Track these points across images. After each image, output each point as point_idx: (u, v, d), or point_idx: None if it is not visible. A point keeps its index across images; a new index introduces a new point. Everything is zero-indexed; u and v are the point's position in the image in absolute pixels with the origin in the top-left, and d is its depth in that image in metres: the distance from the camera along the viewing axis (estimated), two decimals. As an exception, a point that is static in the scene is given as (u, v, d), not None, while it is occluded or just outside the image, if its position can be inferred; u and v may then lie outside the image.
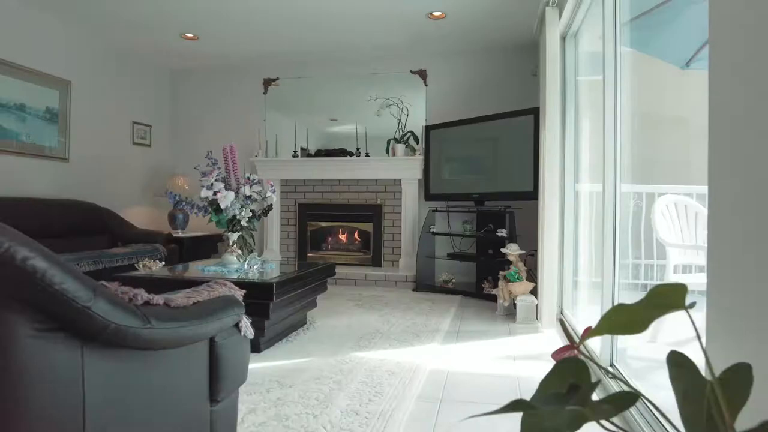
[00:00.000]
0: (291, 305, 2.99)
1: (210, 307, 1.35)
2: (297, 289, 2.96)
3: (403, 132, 5.39)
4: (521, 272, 3.71)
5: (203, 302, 1.35)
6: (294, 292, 2.92)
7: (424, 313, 3.83)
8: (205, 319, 1.31)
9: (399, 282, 5.00)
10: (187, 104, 6.18)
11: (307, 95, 5.78)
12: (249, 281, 2.68)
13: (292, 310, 3.09)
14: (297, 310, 3.19)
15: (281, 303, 2.79)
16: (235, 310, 1.45)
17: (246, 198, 3.16)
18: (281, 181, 5.76)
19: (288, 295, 2.82)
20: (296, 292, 2.96)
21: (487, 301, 4.35)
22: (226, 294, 1.47)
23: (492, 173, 4.61)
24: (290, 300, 2.94)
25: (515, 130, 4.42)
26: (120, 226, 4.96)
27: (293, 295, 2.94)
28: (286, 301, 2.88)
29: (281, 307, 2.83)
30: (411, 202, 5.34)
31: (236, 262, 3.12)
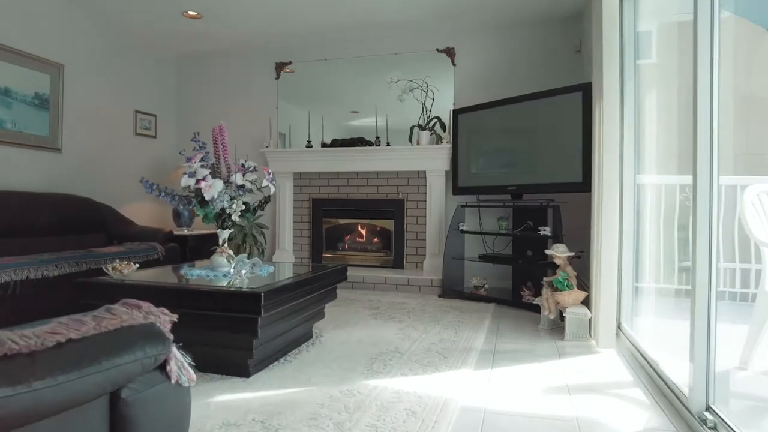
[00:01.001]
0: (289, 318, 2.46)
1: (98, 347, 0.81)
2: (297, 299, 2.42)
3: (428, 118, 4.80)
4: (571, 278, 3.08)
5: (87, 340, 0.82)
6: (292, 302, 2.38)
7: (453, 325, 3.24)
8: (84, 368, 0.77)
9: (423, 287, 4.42)
10: (194, 92, 5.74)
11: (324, 82, 5.25)
12: (232, 290, 2.15)
13: (291, 324, 2.55)
14: (299, 322, 2.65)
15: (274, 316, 2.26)
16: (150, 347, 0.92)
17: (238, 188, 2.64)
18: (294, 174, 5.25)
19: (283, 306, 2.28)
20: (295, 302, 2.42)
21: (526, 311, 3.73)
22: (135, 324, 0.93)
23: (531, 162, 3.98)
24: (287, 312, 2.40)
25: (560, 111, 3.78)
26: (117, 223, 4.54)
27: (291, 306, 2.40)
28: (282, 314, 2.35)
29: (275, 321, 2.30)
30: (437, 196, 4.75)
31: (227, 265, 2.60)
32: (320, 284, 2.70)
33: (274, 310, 2.19)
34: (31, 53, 4.05)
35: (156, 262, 4.11)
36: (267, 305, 2.09)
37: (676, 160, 2.97)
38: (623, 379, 2.33)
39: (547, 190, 3.86)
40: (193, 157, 2.52)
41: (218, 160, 2.69)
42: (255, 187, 2.68)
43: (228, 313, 2.11)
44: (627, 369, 2.46)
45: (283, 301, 2.27)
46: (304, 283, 2.49)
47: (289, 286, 2.32)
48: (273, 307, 2.17)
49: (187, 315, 2.21)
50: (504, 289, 4.30)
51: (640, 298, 3.08)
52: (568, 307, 3.00)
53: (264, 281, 2.35)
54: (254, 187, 2.67)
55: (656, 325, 2.91)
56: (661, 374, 2.18)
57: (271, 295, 2.12)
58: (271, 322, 2.26)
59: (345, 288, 4.57)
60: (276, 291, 2.18)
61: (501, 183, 4.14)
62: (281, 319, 2.37)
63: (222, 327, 2.17)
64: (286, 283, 2.31)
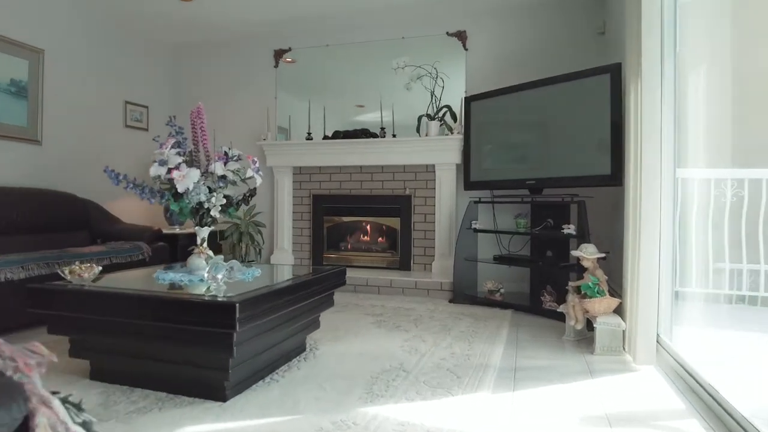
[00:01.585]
0: (276, 330, 2.10)
1: None
2: (284, 307, 2.06)
3: (438, 107, 4.43)
4: (601, 283, 2.69)
5: None
6: (279, 311, 2.02)
7: (466, 336, 2.86)
8: None
9: (432, 291, 4.05)
10: (189, 83, 5.41)
11: (326, 72, 4.89)
12: (203, 300, 1.79)
13: (280, 336, 2.20)
14: (289, 334, 2.30)
15: (255, 329, 1.90)
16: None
17: (219, 179, 2.28)
18: (293, 168, 4.90)
19: (267, 317, 1.93)
20: (283, 311, 2.06)
21: (546, 319, 3.34)
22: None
23: (553, 153, 3.59)
24: (273, 323, 2.04)
25: (585, 95, 3.39)
26: (102, 220, 4.21)
27: (279, 316, 2.04)
28: (266, 326, 1.99)
29: (257, 334, 1.94)
30: (447, 192, 4.38)
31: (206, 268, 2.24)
32: (314, 290, 2.34)
33: (254, 322, 1.83)
34: (7, 36, 3.73)
35: (141, 263, 3.79)
36: (244, 317, 1.73)
37: (729, 150, 2.58)
38: (673, 406, 1.95)
39: (571, 183, 3.47)
40: (165, 143, 2.17)
41: (196, 147, 2.34)
42: (238, 177, 2.32)
43: (198, 327, 1.76)
44: (675, 392, 2.07)
45: (266, 312, 1.92)
46: (293, 290, 2.14)
47: (274, 293, 1.96)
48: (253, 319, 1.81)
49: (152, 328, 1.87)
50: (521, 294, 3.92)
51: (682, 304, 2.69)
52: (598, 317, 2.62)
53: (245, 288, 2.00)
54: (237, 177, 2.32)
55: (705, 337, 2.52)
56: (722, 402, 1.79)
57: (249, 305, 1.77)
58: (251, 337, 1.90)
59: (346, 291, 4.22)
60: (257, 300, 1.82)
61: (518, 177, 3.76)
62: (266, 331, 2.01)
63: (193, 342, 1.82)
64: (272, 290, 1.95)
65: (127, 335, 1.91)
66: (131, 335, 1.90)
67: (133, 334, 1.90)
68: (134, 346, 1.94)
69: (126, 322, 1.87)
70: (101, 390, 1.98)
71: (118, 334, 1.92)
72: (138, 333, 1.88)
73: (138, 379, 2.00)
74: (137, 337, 1.90)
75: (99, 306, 1.90)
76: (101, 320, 1.91)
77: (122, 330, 1.90)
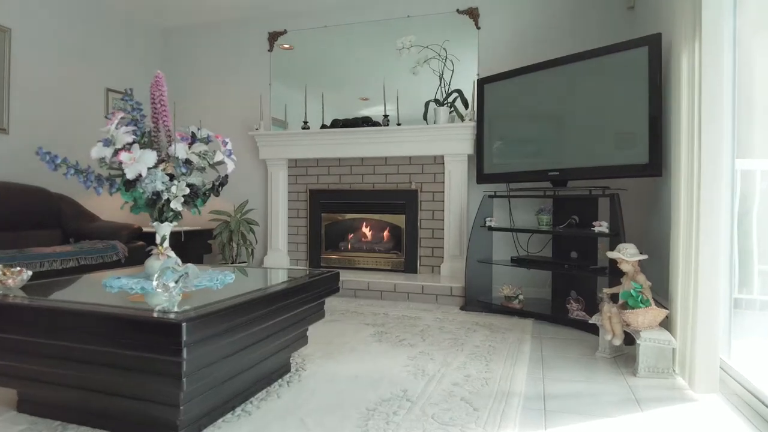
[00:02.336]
0: (248, 351, 1.68)
1: None
2: (258, 323, 1.65)
3: (447, 91, 4.00)
4: (645, 291, 2.25)
5: None
6: (250, 329, 1.60)
7: (482, 352, 2.43)
8: None
9: (441, 296, 3.61)
10: (178, 70, 5.02)
11: (325, 60, 4.46)
12: (143, 318, 1.37)
13: (254, 358, 1.78)
14: (267, 354, 1.88)
15: (217, 352, 1.48)
16: None
17: (183, 164, 1.87)
18: (289, 161, 4.49)
19: (232, 337, 1.51)
20: (256, 328, 1.65)
21: (573, 330, 2.90)
22: None
23: (579, 140, 3.15)
24: (243, 343, 1.62)
25: (617, 73, 2.94)
26: (77, 217, 3.83)
27: (250, 334, 1.62)
28: (233, 346, 1.57)
29: (221, 358, 1.52)
30: (458, 186, 3.94)
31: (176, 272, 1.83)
32: (300, 299, 1.92)
33: (215, 343, 1.42)
34: (-33, 12, 3.36)
35: (116, 264, 3.40)
36: (198, 339, 1.32)
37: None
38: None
39: (600, 174, 3.02)
40: (112, 118, 1.76)
41: (156, 126, 1.93)
42: (206, 162, 1.91)
43: (137, 352, 1.34)
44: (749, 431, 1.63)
45: (234, 329, 1.50)
46: (272, 300, 1.72)
47: (244, 305, 1.54)
48: (213, 339, 1.40)
49: (84, 351, 1.46)
50: (541, 301, 3.48)
51: (741, 313, 2.24)
52: (641, 331, 2.18)
53: (208, 298, 1.58)
54: (205, 162, 1.90)
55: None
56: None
57: (204, 324, 1.35)
58: (214, 361, 1.49)
59: (345, 297, 3.80)
60: (218, 315, 1.40)
61: (539, 167, 3.32)
62: (236, 353, 1.60)
63: (135, 370, 1.41)
64: (241, 303, 1.53)
65: (55, 359, 1.50)
66: (59, 359, 1.49)
67: (62, 359, 1.48)
68: (67, 373, 1.53)
69: (50, 344, 1.46)
70: (27, 426, 1.58)
71: (45, 357, 1.51)
72: (65, 357, 1.47)
73: (73, 414, 1.59)
74: (67, 362, 1.48)
75: (17, 322, 1.49)
76: (22, 340, 1.51)
77: (48, 353, 1.49)
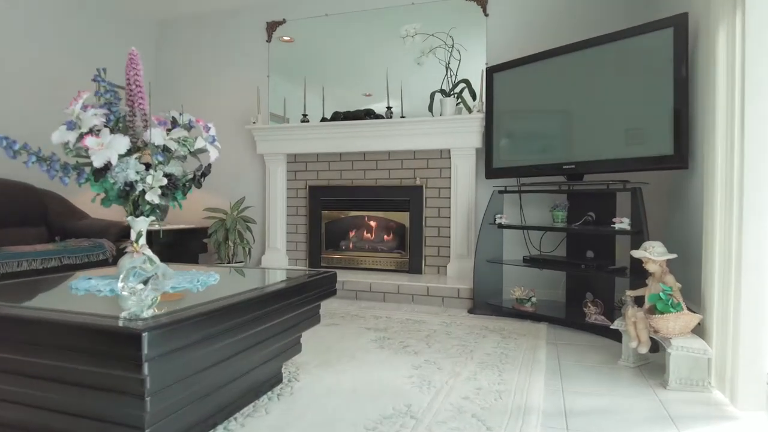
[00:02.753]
0: (230, 362, 1.48)
1: None
2: (240, 331, 1.44)
3: (454, 82, 3.78)
4: (675, 294, 2.03)
5: None
6: (230, 338, 1.40)
7: (494, 360, 2.22)
8: None
9: (447, 299, 3.40)
10: (173, 62, 4.83)
11: (326, 53, 4.26)
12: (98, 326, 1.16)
13: (238, 370, 1.58)
14: (254, 365, 1.68)
15: (191, 365, 1.28)
16: None
17: (161, 151, 1.67)
18: (287, 156, 4.29)
19: (209, 347, 1.31)
20: (239, 336, 1.44)
21: (590, 336, 2.69)
22: None
23: (596, 131, 2.93)
24: (223, 354, 1.42)
25: (638, 58, 2.72)
26: (64, 214, 3.64)
27: (230, 343, 1.42)
28: (211, 358, 1.37)
29: (197, 371, 1.32)
30: (465, 181, 3.73)
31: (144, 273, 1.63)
32: (291, 303, 1.72)
33: (184, 356, 1.21)
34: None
35: (103, 263, 3.21)
36: (162, 353, 1.11)
37: None
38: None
39: (619, 167, 2.80)
40: (77, 97, 1.56)
41: (132, 109, 1.73)
42: (186, 149, 1.70)
43: (95, 367, 1.14)
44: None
45: (207, 340, 1.29)
46: (258, 304, 1.51)
47: (219, 312, 1.33)
48: (181, 352, 1.19)
49: (35, 365, 1.26)
50: (554, 303, 3.26)
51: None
52: (672, 338, 1.96)
53: (185, 302, 1.38)
54: (185, 149, 1.70)
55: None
56: None
57: (171, 334, 1.14)
58: (188, 375, 1.28)
59: (346, 299, 3.59)
60: (185, 324, 1.20)
61: (552, 160, 3.10)
62: (211, 366, 1.39)
63: (96, 388, 1.21)
64: (215, 308, 1.33)
65: (6, 374, 1.30)
66: (11, 374, 1.29)
67: (13, 373, 1.28)
68: (22, 390, 1.33)
69: None
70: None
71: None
72: (16, 372, 1.27)
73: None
74: (19, 377, 1.28)
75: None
76: (-32, 350, 1.31)
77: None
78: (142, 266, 1.36)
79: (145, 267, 1.37)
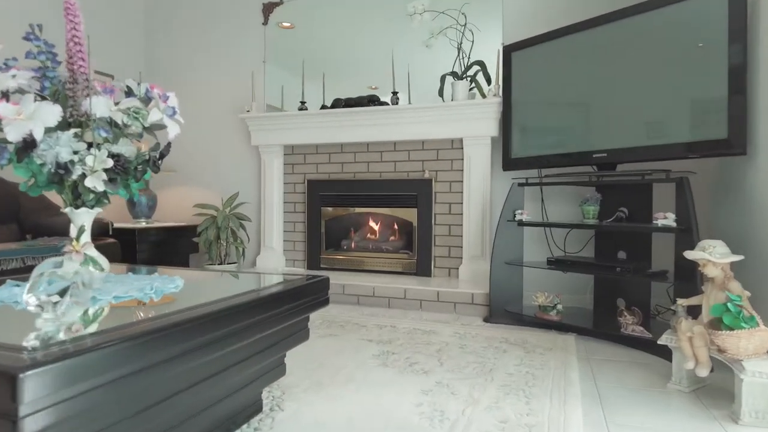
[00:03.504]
0: (177, 399, 1.13)
1: None
2: (196, 357, 1.09)
3: (467, 64, 3.42)
4: (747, 306, 1.66)
5: None
6: (178, 367, 1.05)
7: (518, 383, 1.85)
8: None
9: (460, 305, 3.04)
10: (161, 45, 4.51)
11: (324, 36, 3.91)
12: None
13: (196, 405, 1.23)
14: (217, 398, 1.33)
15: (110, 410, 0.93)
16: None
17: (105, 125, 1.33)
18: (284, 147, 3.95)
19: (145, 382, 0.96)
20: (193, 363, 1.09)
21: (628, 350, 2.31)
22: None
23: (631, 114, 2.55)
24: (169, 388, 1.07)
25: (682, 28, 2.34)
26: (37, 211, 3.32)
27: (180, 373, 1.07)
28: (145, 396, 1.02)
29: (121, 418, 0.97)
30: (479, 173, 3.36)
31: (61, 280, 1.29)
32: (270, 318, 1.37)
33: (102, 396, 0.86)
34: None
35: (76, 265, 2.87)
36: (54, 402, 0.76)
37: None
38: None
39: (660, 155, 2.42)
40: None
41: (73, 75, 1.39)
42: (139, 123, 1.36)
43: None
44: None
45: (144, 371, 0.95)
46: (208, 323, 1.16)
47: (159, 333, 0.98)
48: (95, 392, 0.84)
49: None
50: (581, 311, 2.89)
51: None
52: (744, 360, 1.58)
53: (116, 319, 1.03)
54: (136, 124, 1.35)
55: None
56: None
57: (72, 372, 0.79)
58: (111, 424, 0.94)
59: (347, 304, 3.24)
60: (98, 354, 0.85)
61: (580, 148, 2.73)
62: (156, 403, 1.04)
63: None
64: (150, 329, 0.97)
65: None
66: None
67: None
68: None
69: None
70: None
71: None
72: None
73: None
74: None
75: None
76: None
77: None
78: (56, 271, 1.01)
79: (66, 272, 1.02)
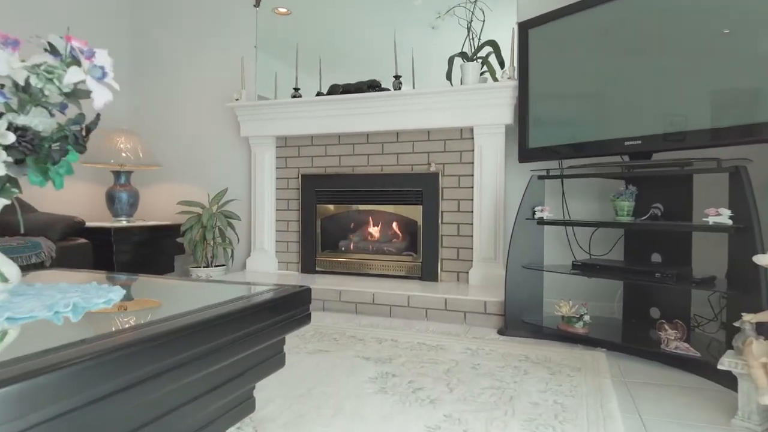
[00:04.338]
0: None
1: None
2: (127, 396, 0.76)
3: (478, 45, 3.08)
4: (842, 324, 1.31)
5: None
6: (104, 408, 0.72)
7: (545, 416, 1.51)
8: None
9: (471, 314, 2.69)
10: (152, 36, 4.20)
11: (327, 29, 3.58)
12: None
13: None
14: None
15: None
16: None
17: (9, 90, 1.00)
18: (277, 139, 3.62)
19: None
20: (126, 405, 0.76)
21: (671, 370, 1.97)
22: None
23: (669, 95, 2.20)
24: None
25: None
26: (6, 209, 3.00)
27: (104, 414, 0.74)
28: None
29: None
30: (492, 166, 3.02)
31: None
32: (232, 342, 1.04)
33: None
34: None
35: (38, 266, 2.57)
36: None
37: None
38: None
39: (703, 141, 2.07)
40: None
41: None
42: (54, 86, 1.03)
43: None
44: None
45: (52, 420, 0.62)
46: (143, 352, 0.83)
47: (66, 368, 0.65)
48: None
49: None
50: (609, 321, 2.53)
51: None
52: (839, 395, 1.23)
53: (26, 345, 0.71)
54: (51, 86, 1.02)
55: None
56: None
57: None
58: None
59: (344, 312, 2.91)
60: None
61: (610, 135, 2.38)
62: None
63: None
64: (50, 364, 0.65)
65: None
66: None
67: None
68: None
69: None
70: None
71: None
72: None
73: None
74: None
75: None
76: None
77: None
78: None
79: None
